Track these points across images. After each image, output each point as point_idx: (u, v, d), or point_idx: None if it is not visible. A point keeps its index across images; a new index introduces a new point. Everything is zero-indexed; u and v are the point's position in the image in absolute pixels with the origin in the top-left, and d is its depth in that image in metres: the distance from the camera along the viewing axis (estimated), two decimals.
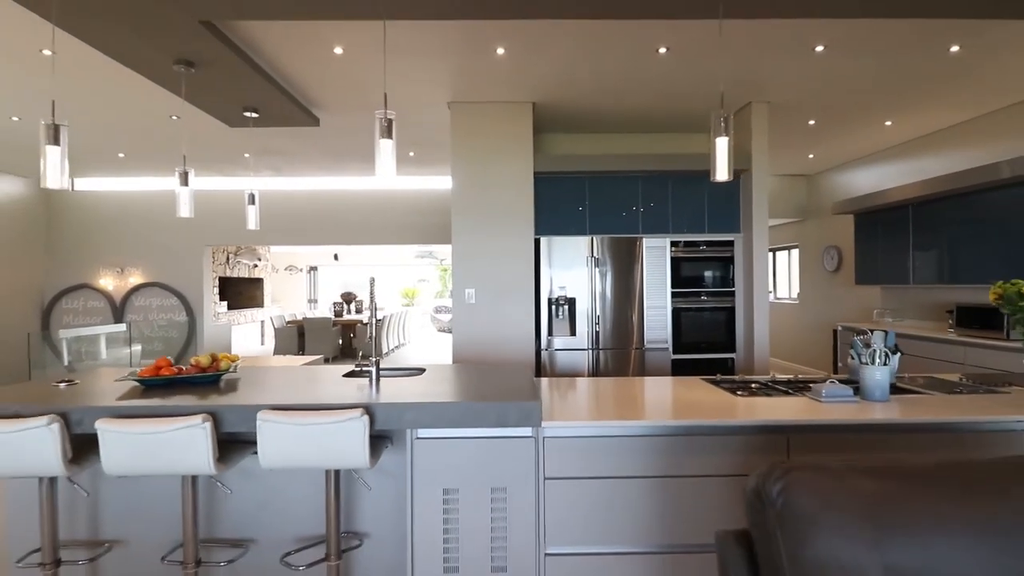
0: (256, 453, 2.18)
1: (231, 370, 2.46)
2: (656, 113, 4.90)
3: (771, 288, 9.64)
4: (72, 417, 1.94)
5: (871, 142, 6.01)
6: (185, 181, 3.36)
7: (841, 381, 2.52)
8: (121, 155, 6.31)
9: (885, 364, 2.28)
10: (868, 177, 6.59)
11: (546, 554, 2.01)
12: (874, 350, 2.27)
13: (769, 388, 2.53)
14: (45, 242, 7.87)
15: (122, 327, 7.73)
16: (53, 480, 2.04)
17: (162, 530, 2.29)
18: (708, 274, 4.87)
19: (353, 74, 3.96)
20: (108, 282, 7.89)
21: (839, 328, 6.55)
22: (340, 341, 10.07)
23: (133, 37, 3.03)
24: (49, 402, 2.03)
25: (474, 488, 2.03)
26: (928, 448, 2.05)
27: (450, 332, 14.71)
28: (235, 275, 11.14)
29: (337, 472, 2.07)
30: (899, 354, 2.67)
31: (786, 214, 7.95)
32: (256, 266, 12.00)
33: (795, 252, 8.48)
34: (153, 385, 2.29)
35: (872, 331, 2.34)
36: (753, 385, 2.61)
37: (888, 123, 5.30)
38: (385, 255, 15.87)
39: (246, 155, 6.35)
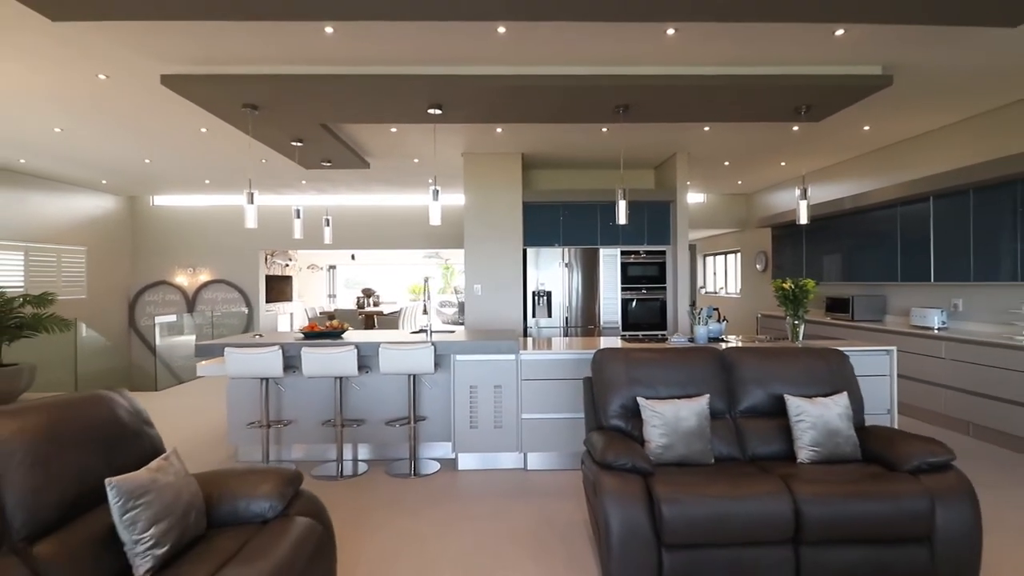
0: (367, 372, 4.13)
1: (346, 329, 4.39)
2: (608, 158, 6.83)
3: (722, 284, 11.60)
4: (284, 346, 3.87)
5: (778, 175, 7.95)
6: (298, 215, 5.27)
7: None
8: (207, 181, 8.21)
9: (706, 324, 4.21)
10: (786, 197, 8.52)
11: (522, 418, 3.95)
12: (699, 316, 4.20)
13: (651, 340, 4.46)
14: (131, 247, 9.78)
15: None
16: (269, 381, 3.96)
17: (316, 413, 4.22)
18: (647, 274, 6.80)
19: (400, 140, 5.87)
20: (182, 279, 9.80)
21: (759, 316, 8.51)
22: (364, 328, 12.00)
23: (275, 129, 4.95)
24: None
25: (485, 385, 3.97)
26: None
27: (454, 324, 16.66)
28: (271, 273, 13.04)
29: (415, 376, 4.00)
30: (725, 321, 4.60)
31: (729, 225, 9.88)
32: (287, 265, 13.91)
33: (738, 255, 10.42)
34: (312, 336, 4.21)
35: (703, 308, 4.27)
36: (646, 341, 4.54)
37: (783, 164, 7.24)
38: (396, 255, 17.74)
39: (303, 182, 8.26)
